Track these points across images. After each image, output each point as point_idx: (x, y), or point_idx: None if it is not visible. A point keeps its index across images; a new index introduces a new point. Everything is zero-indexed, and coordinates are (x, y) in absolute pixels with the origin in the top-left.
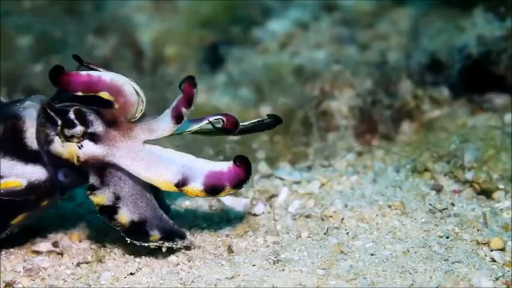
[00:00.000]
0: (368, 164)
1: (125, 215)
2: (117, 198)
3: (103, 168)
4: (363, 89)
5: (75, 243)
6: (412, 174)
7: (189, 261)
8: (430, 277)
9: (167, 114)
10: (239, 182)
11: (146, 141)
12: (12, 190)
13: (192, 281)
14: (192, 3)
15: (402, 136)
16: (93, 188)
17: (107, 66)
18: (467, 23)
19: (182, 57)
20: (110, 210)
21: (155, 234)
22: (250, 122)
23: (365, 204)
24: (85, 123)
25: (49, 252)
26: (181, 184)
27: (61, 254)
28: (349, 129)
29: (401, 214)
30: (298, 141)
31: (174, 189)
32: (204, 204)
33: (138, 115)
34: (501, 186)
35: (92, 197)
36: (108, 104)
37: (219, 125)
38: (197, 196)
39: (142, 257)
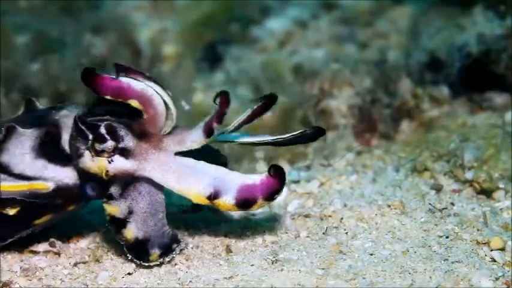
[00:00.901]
0: (367, 164)
1: (132, 231)
2: (130, 212)
3: (129, 182)
4: (362, 87)
5: (73, 243)
6: (412, 173)
7: (187, 260)
8: (430, 277)
9: (200, 127)
10: (272, 193)
11: (177, 153)
12: (38, 193)
13: (190, 281)
14: (190, 2)
15: (402, 135)
16: (110, 197)
17: (105, 65)
18: (467, 21)
19: (180, 56)
20: (120, 223)
21: (155, 252)
22: (291, 134)
23: (364, 204)
24: (116, 138)
25: (46, 252)
26: (213, 197)
27: (58, 254)
28: (348, 129)
29: (401, 214)
30: None
31: (206, 201)
32: None
33: (167, 129)
34: (501, 185)
35: (105, 205)
36: (137, 114)
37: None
38: (229, 210)
39: None
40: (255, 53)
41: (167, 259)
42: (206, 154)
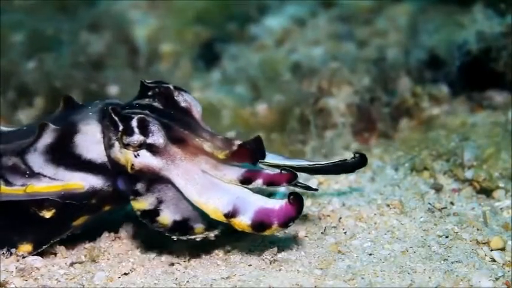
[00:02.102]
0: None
1: (166, 217)
2: (160, 202)
3: (155, 180)
4: (361, 86)
5: (69, 242)
6: (411, 172)
7: (184, 261)
8: (429, 277)
9: (242, 168)
10: (287, 220)
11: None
12: (73, 192)
13: (188, 281)
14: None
15: (401, 134)
16: (136, 194)
17: (102, 63)
18: (467, 19)
19: (177, 54)
20: (152, 214)
21: (199, 226)
22: (330, 161)
23: (363, 203)
24: (145, 133)
25: (42, 251)
26: (230, 215)
27: (54, 253)
28: (347, 127)
29: (400, 213)
30: (295, 139)
31: (223, 218)
32: None
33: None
34: (501, 184)
35: (133, 203)
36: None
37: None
38: (243, 230)
39: (137, 257)
40: (253, 51)
41: (212, 234)
42: None
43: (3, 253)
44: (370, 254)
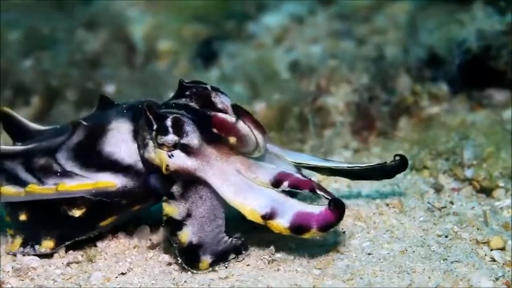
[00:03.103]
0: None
1: (187, 234)
2: (188, 215)
3: (191, 182)
4: (360, 84)
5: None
6: (411, 171)
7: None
8: (429, 277)
9: (275, 170)
10: (327, 225)
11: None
12: (105, 191)
13: (185, 281)
14: None
15: (400, 133)
16: (171, 197)
17: (98, 62)
18: (467, 17)
19: (175, 53)
20: (176, 225)
21: (206, 259)
22: (369, 164)
23: (362, 203)
24: (180, 133)
25: None
26: (268, 217)
27: (51, 253)
28: (346, 126)
29: (399, 212)
30: (293, 137)
31: (260, 220)
32: None
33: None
34: (501, 184)
35: (165, 204)
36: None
37: None
38: (280, 232)
39: (134, 256)
40: (251, 49)
41: (216, 267)
42: None
43: (27, 251)
44: (369, 254)
